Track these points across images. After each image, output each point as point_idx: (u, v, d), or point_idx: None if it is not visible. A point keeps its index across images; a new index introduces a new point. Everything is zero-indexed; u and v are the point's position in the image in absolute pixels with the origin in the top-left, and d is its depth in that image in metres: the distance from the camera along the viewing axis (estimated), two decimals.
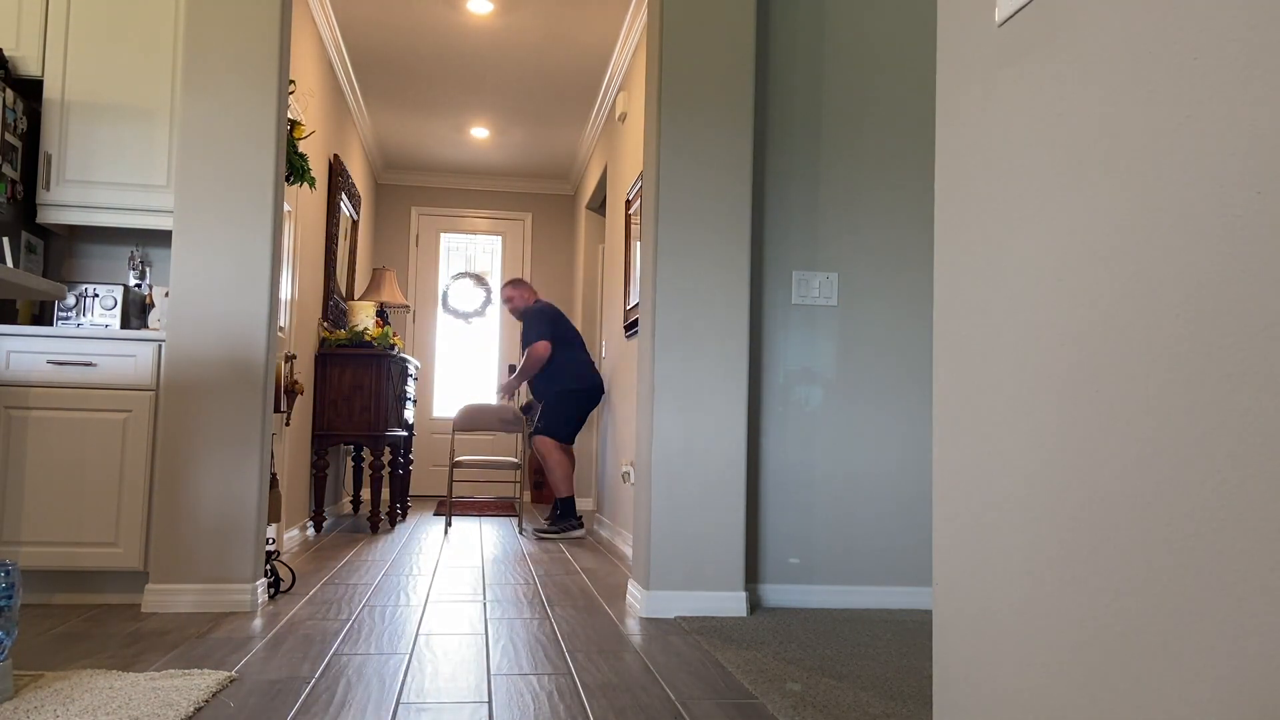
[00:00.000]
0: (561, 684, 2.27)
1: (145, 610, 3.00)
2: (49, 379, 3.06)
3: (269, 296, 3.13)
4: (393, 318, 8.05)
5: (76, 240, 3.63)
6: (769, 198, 3.45)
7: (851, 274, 3.46)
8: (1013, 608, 1.23)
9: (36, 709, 1.91)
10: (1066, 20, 1.17)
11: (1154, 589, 0.98)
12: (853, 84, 3.53)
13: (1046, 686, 1.15)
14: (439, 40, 5.47)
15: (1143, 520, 1.00)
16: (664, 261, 3.22)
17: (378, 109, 6.67)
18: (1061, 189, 1.17)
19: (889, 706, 2.11)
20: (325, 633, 2.76)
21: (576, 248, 8.10)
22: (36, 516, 3.02)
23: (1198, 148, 0.94)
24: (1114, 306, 1.06)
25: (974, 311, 1.37)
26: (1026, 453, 1.22)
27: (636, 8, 4.96)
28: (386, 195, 8.29)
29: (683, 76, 3.25)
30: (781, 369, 3.41)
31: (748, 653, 2.60)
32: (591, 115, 6.66)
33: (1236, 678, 0.87)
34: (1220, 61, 0.92)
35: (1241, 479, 0.87)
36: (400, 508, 6.08)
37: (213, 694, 2.08)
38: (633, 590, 3.33)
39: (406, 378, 6.13)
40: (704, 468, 3.19)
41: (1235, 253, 0.88)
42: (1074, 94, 1.15)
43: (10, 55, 3.31)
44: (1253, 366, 0.86)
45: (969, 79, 1.41)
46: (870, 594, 3.38)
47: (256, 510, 3.09)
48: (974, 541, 1.34)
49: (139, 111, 3.36)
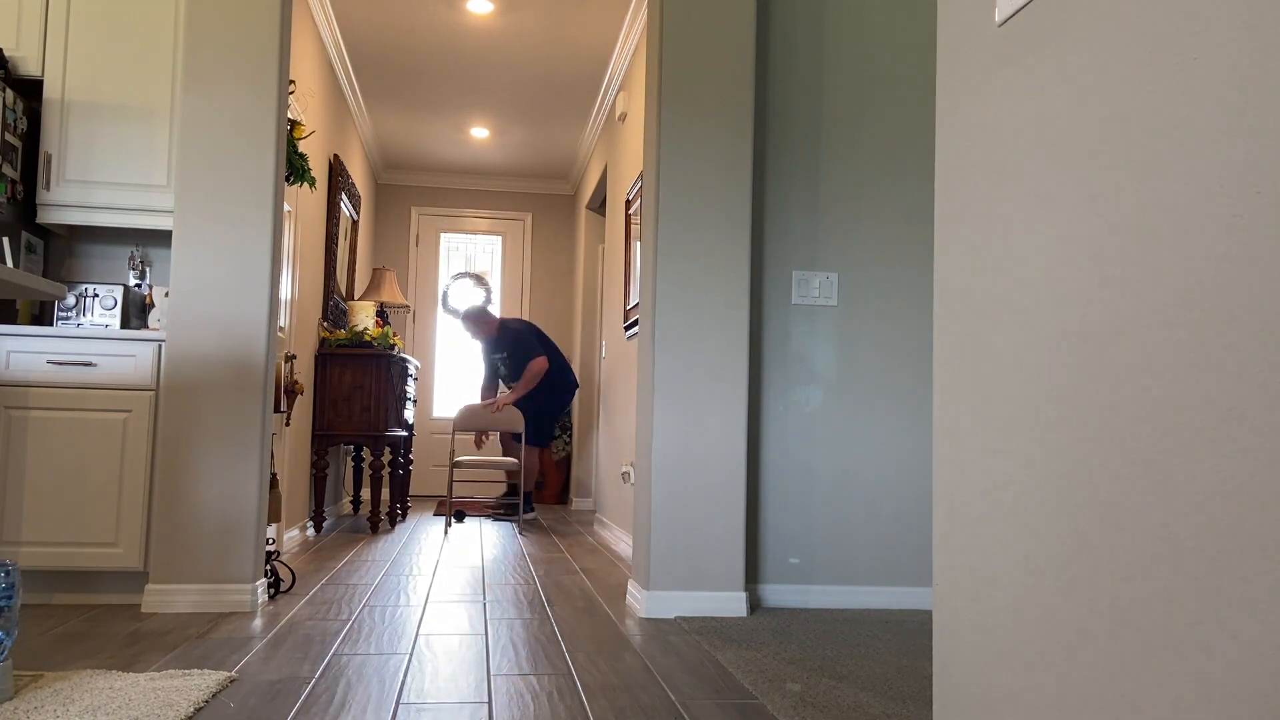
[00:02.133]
0: (561, 684, 2.27)
1: (145, 610, 3.00)
2: (49, 379, 3.06)
3: (269, 296, 3.13)
4: (393, 318, 8.05)
5: (76, 240, 3.63)
6: (769, 198, 3.45)
7: (851, 274, 3.46)
8: (1013, 607, 1.23)
9: (36, 709, 1.91)
10: (1066, 20, 1.17)
11: (1154, 589, 0.98)
12: (853, 84, 3.53)
13: (1046, 686, 1.15)
14: (439, 40, 5.47)
15: (1143, 520, 1.00)
16: (664, 261, 3.22)
17: (378, 109, 6.67)
18: (1061, 189, 1.17)
19: (889, 706, 2.11)
20: (325, 633, 2.76)
21: (576, 248, 8.10)
22: (36, 516, 3.02)
23: (1197, 148, 0.94)
24: (1114, 306, 1.06)
25: (974, 311, 1.37)
26: (1027, 452, 1.22)
27: (636, 8, 4.96)
28: (386, 195, 8.29)
29: (683, 76, 3.25)
30: (781, 369, 3.41)
31: (748, 653, 2.60)
32: (591, 115, 6.66)
33: (1236, 677, 0.87)
34: (1220, 61, 0.92)
35: (1242, 479, 0.87)
36: (400, 508, 6.08)
37: (213, 694, 2.08)
38: (633, 590, 3.33)
39: (406, 378, 6.13)
40: (704, 468, 3.19)
41: (1235, 253, 0.88)
42: (1074, 93, 1.15)
43: (10, 55, 3.31)
44: (1253, 366, 0.86)
45: (969, 79, 1.41)
46: (870, 594, 3.38)
47: (256, 510, 3.09)
48: (974, 541, 1.34)
49: (139, 111, 3.36)
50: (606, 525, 5.71)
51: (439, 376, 8.34)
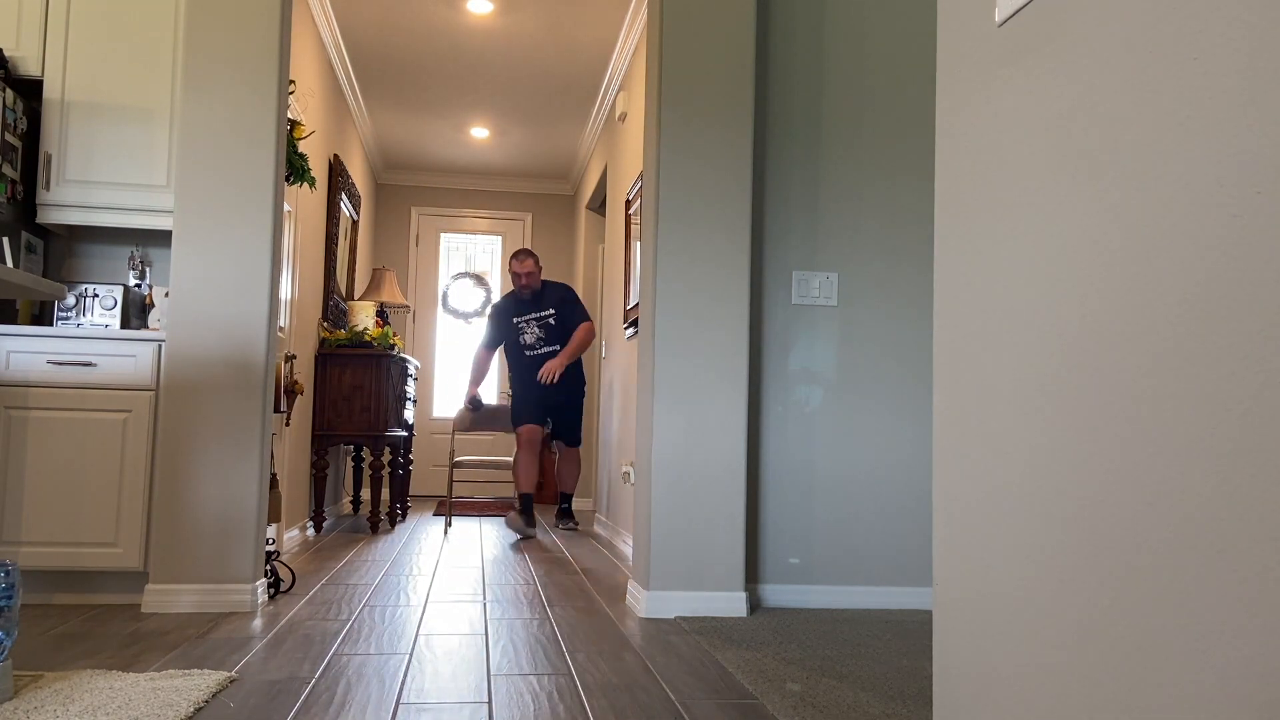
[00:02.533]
0: (561, 684, 2.27)
1: (145, 610, 3.00)
2: (49, 379, 3.06)
3: (269, 296, 3.13)
4: (393, 318, 8.05)
5: (76, 240, 3.63)
6: (769, 198, 3.45)
7: (851, 274, 3.46)
8: (1013, 607, 1.23)
9: (36, 709, 1.91)
10: (1066, 20, 1.17)
11: (1154, 588, 0.98)
12: (853, 84, 3.52)
13: (1047, 686, 1.15)
14: (439, 40, 5.47)
15: (1143, 519, 1.00)
16: (664, 261, 3.22)
17: (378, 109, 6.67)
18: (1061, 189, 1.17)
19: (889, 706, 2.11)
20: (325, 633, 2.76)
21: (576, 248, 8.10)
22: (36, 516, 3.02)
23: (1198, 147, 0.94)
24: (1114, 306, 1.06)
25: (974, 311, 1.37)
26: (1027, 452, 1.22)
27: (636, 8, 4.96)
28: (386, 195, 8.29)
29: (683, 76, 3.25)
30: (781, 369, 3.41)
31: (748, 653, 2.60)
32: (591, 115, 6.66)
33: (1236, 675, 0.87)
34: (1220, 61, 0.92)
35: (1242, 479, 0.87)
36: (400, 508, 6.08)
37: (213, 694, 2.08)
38: (633, 590, 3.33)
39: (406, 378, 6.13)
40: (704, 468, 3.19)
41: (1235, 253, 0.88)
42: (1074, 94, 1.15)
43: (10, 55, 3.31)
44: (1252, 366, 0.86)
45: (969, 79, 1.41)
46: (870, 594, 3.38)
47: (256, 510, 3.09)
48: (974, 541, 1.34)
49: (139, 111, 3.36)
50: (607, 525, 5.71)
51: (439, 376, 8.33)
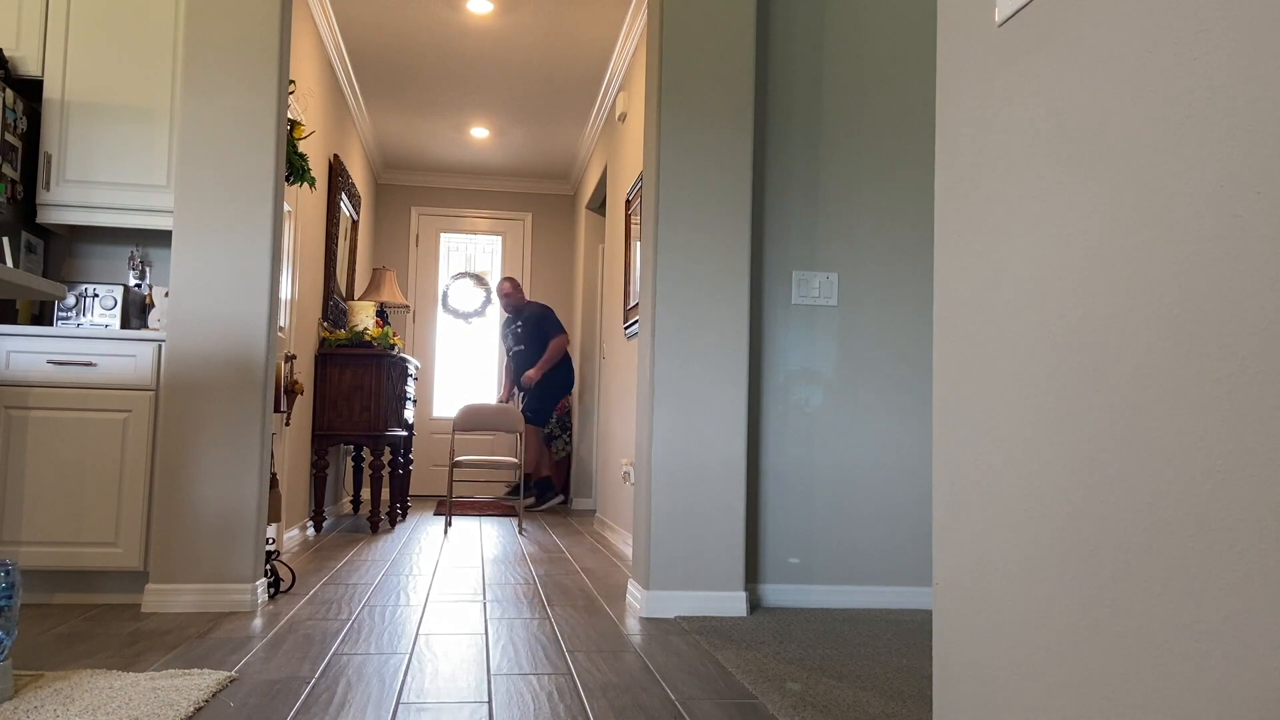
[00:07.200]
0: (561, 684, 2.27)
1: (145, 610, 3.00)
2: (49, 379, 3.06)
3: (269, 296, 3.13)
4: (393, 318, 8.05)
5: (76, 240, 3.63)
6: (769, 198, 3.45)
7: (851, 274, 3.46)
8: (1013, 607, 1.24)
9: (36, 709, 1.91)
10: (1066, 20, 1.17)
11: (1154, 588, 0.98)
12: (853, 84, 3.53)
13: (1047, 686, 1.16)
14: (439, 40, 5.47)
15: (1143, 519, 1.00)
16: (664, 261, 3.22)
17: (378, 109, 6.67)
18: (1061, 188, 1.17)
19: (889, 706, 2.11)
20: (325, 633, 2.76)
21: (576, 248, 8.10)
22: (36, 516, 3.02)
23: (1197, 147, 0.94)
24: (1114, 305, 1.06)
25: (974, 311, 1.37)
26: (1027, 452, 1.22)
27: (636, 8, 4.96)
28: (386, 195, 8.29)
29: (683, 76, 3.25)
30: (781, 369, 3.41)
31: (748, 653, 2.60)
32: (591, 115, 6.66)
33: (1235, 676, 0.87)
34: (1220, 61, 0.92)
35: (1242, 478, 0.87)
36: (400, 508, 6.08)
37: (213, 694, 2.08)
38: (633, 590, 3.33)
39: (406, 378, 6.13)
40: (704, 467, 3.19)
41: (1235, 253, 0.89)
42: (1073, 94, 1.15)
43: (10, 55, 3.31)
44: (1253, 365, 0.86)
45: (969, 79, 1.41)
46: (870, 594, 3.38)
47: (256, 510, 3.09)
48: (974, 540, 1.34)
49: (139, 111, 3.36)
50: (607, 525, 5.71)
51: (439, 376, 8.33)
